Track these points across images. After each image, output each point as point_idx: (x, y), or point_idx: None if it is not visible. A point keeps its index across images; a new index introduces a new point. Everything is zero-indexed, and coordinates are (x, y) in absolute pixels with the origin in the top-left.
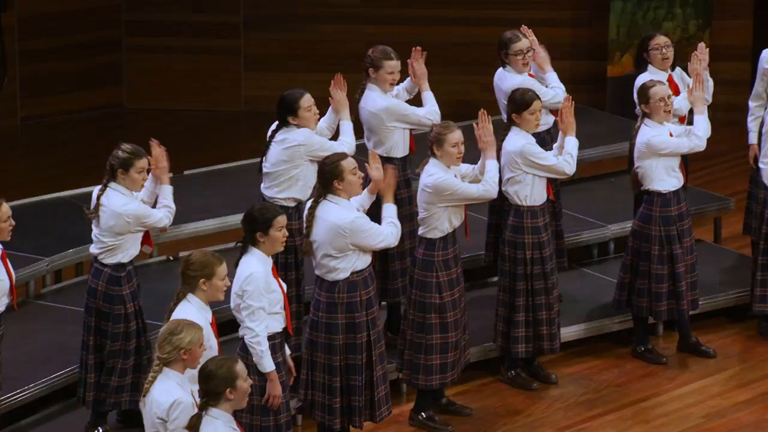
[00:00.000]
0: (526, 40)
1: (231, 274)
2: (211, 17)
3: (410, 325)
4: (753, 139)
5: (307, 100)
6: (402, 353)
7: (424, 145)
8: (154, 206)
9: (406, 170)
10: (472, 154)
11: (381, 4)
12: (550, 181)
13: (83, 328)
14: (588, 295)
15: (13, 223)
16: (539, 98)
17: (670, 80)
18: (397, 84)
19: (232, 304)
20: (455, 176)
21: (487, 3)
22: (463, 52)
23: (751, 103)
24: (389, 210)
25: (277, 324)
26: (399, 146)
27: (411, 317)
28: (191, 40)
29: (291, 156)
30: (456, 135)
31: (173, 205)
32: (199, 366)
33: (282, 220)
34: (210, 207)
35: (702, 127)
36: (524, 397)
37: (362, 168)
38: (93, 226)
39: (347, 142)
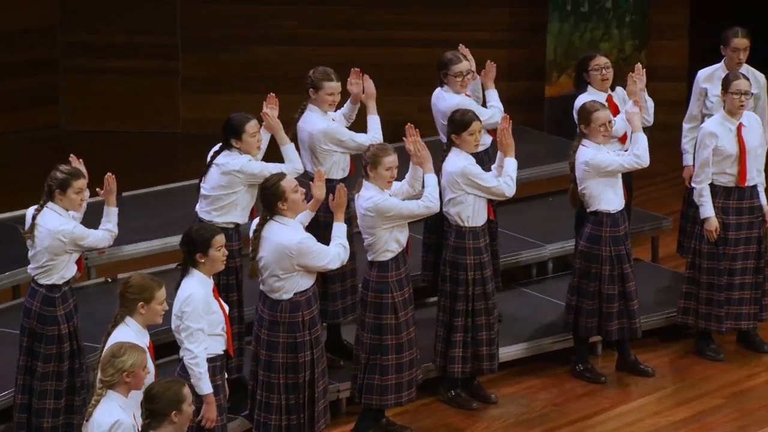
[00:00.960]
0: (467, 62)
1: (171, 297)
2: (149, 39)
3: (365, 348)
4: (688, 160)
5: (252, 126)
6: (355, 378)
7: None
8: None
9: None
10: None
11: (319, 25)
12: (490, 201)
13: (18, 348)
14: (527, 314)
15: None
16: (479, 119)
17: (610, 100)
18: (338, 107)
19: (172, 326)
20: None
21: (426, 24)
22: (400, 73)
23: (686, 125)
24: (339, 229)
25: (218, 346)
26: (338, 167)
27: (366, 340)
28: (129, 62)
29: (230, 182)
30: (391, 158)
31: (116, 229)
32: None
33: (220, 239)
34: (148, 228)
35: (641, 144)
36: (464, 417)
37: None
38: (29, 246)
39: (293, 166)
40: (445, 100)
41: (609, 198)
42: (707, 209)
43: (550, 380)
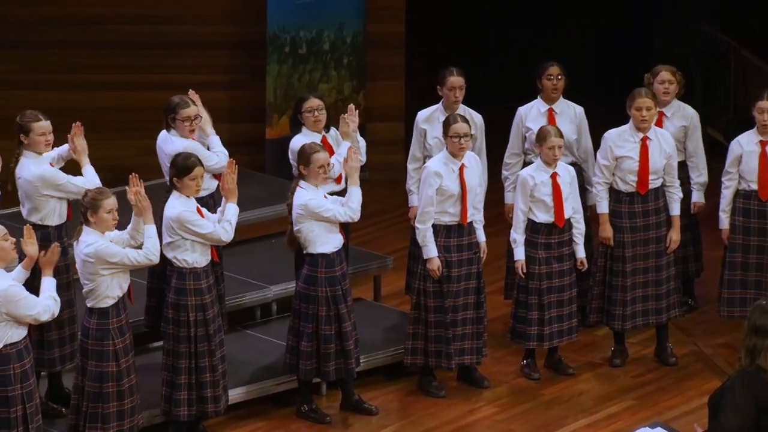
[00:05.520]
0: (195, 107)
1: None
2: None
3: (86, 396)
4: (414, 200)
5: None
6: (75, 427)
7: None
8: None
9: (62, 238)
10: (127, 219)
11: (36, 69)
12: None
13: None
14: (252, 356)
15: None
16: (202, 164)
17: (324, 141)
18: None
19: None
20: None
21: (144, 67)
22: (119, 116)
23: (410, 166)
24: (49, 283)
25: None
26: (55, 214)
27: (87, 389)
28: None
29: None
30: (111, 201)
31: None
32: None
33: None
34: None
35: (356, 198)
36: None
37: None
38: None
39: None
40: (171, 143)
41: (324, 239)
42: (431, 250)
43: (276, 422)
